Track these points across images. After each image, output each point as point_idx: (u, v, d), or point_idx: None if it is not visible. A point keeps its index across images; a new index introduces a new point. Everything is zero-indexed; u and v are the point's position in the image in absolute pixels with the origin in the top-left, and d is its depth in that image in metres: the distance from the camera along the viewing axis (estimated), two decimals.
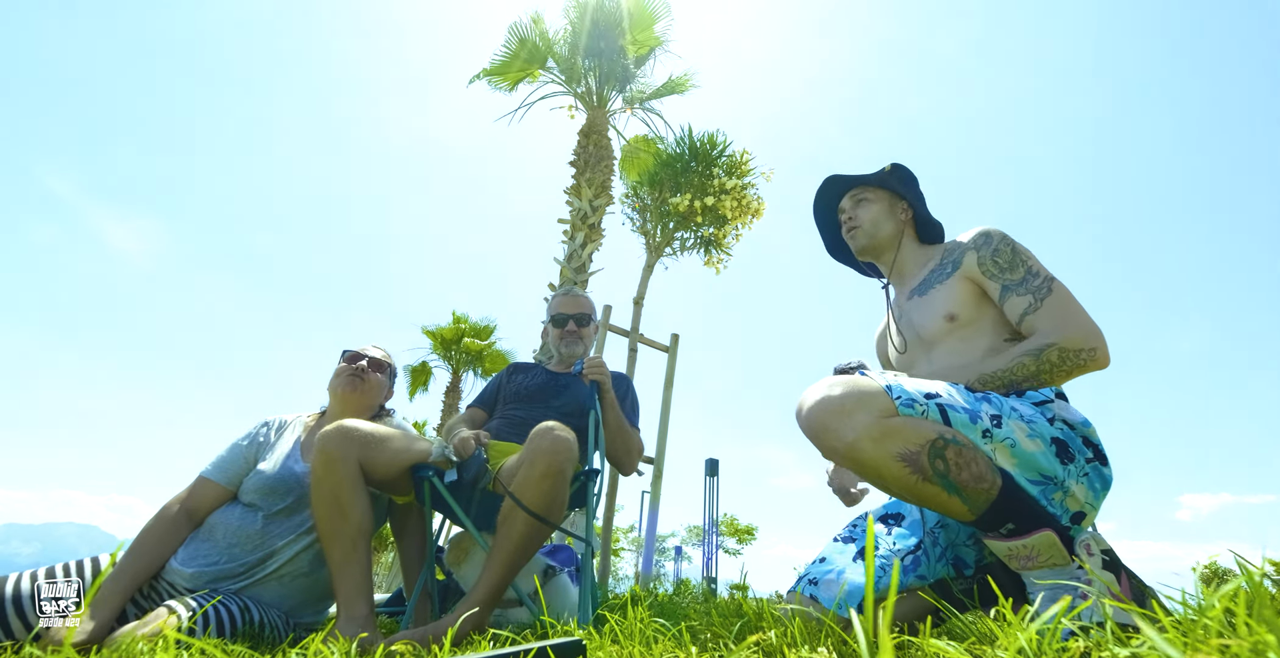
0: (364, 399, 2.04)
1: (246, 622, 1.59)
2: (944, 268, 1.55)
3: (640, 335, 5.09)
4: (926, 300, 1.56)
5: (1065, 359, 1.30)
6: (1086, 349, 1.30)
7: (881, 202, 1.74)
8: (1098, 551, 1.12)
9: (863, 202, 1.76)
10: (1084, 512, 1.21)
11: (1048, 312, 1.35)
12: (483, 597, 1.53)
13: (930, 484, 1.10)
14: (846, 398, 1.14)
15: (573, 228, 6.48)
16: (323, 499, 1.61)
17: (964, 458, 1.11)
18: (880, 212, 1.73)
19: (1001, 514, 1.12)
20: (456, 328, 14.87)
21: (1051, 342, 1.31)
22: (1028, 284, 1.40)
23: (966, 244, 1.52)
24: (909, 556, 1.39)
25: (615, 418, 2.20)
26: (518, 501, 1.59)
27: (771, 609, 1.39)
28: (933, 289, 1.55)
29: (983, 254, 1.47)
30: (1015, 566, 1.13)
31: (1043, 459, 1.19)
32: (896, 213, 1.73)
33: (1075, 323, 1.32)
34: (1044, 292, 1.37)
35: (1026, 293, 1.39)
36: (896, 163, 1.72)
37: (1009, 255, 1.44)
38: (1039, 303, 1.37)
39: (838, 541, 1.50)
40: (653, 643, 1.17)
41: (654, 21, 7.18)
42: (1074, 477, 1.21)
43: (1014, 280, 1.42)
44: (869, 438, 1.10)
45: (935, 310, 1.52)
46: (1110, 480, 1.27)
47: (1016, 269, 1.42)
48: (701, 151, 6.14)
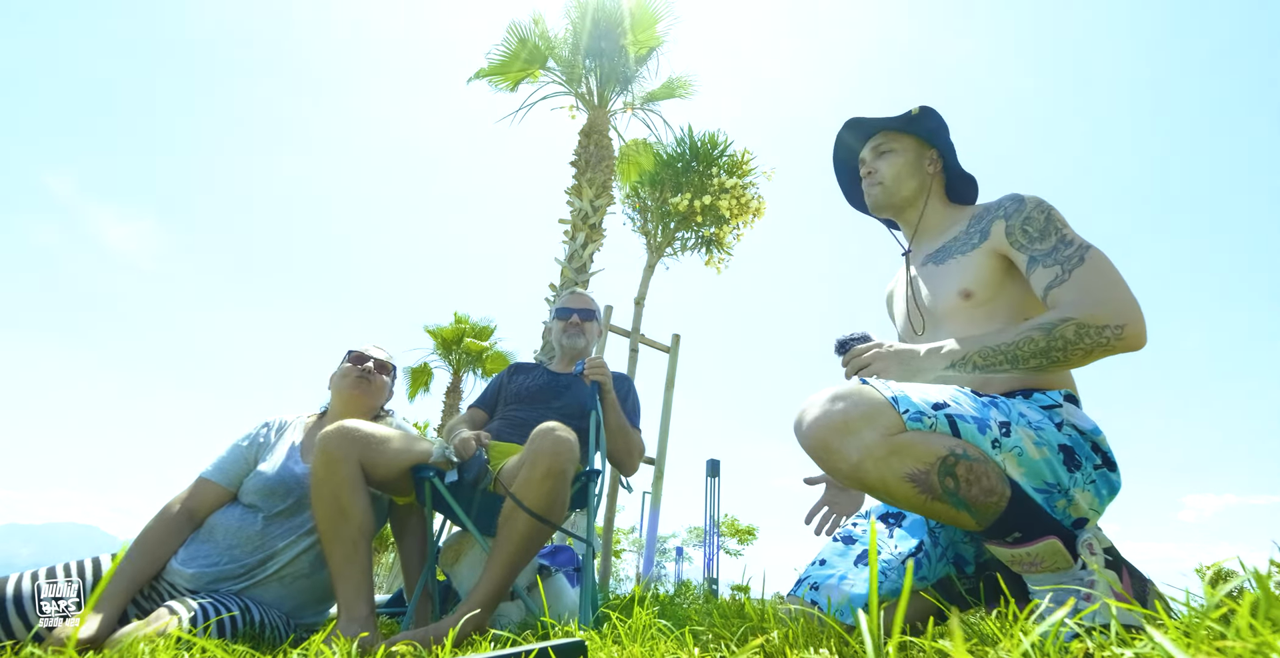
0: (369, 401, 2.05)
1: (247, 623, 1.58)
2: (970, 236, 1.40)
3: (641, 336, 5.09)
4: (943, 270, 1.42)
5: (1084, 336, 1.11)
6: (1112, 326, 1.10)
7: (908, 152, 1.56)
8: (1100, 549, 1.11)
9: (886, 153, 1.58)
10: (1086, 517, 1.18)
11: (1075, 283, 1.18)
12: (484, 598, 1.53)
13: (939, 502, 1.04)
14: (850, 414, 1.04)
15: (574, 228, 6.48)
16: (323, 500, 1.61)
17: (974, 474, 1.04)
18: (905, 165, 1.55)
19: (1008, 525, 1.08)
20: (457, 328, 14.87)
21: (1068, 316, 1.13)
22: (1057, 254, 1.23)
23: (996, 211, 1.36)
24: (910, 557, 1.36)
25: (616, 419, 2.20)
26: (519, 502, 1.59)
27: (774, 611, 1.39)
28: (952, 259, 1.41)
29: (1012, 222, 1.31)
30: (1018, 570, 1.12)
31: (1048, 467, 1.14)
32: (924, 165, 1.56)
33: (1105, 296, 1.13)
34: (1074, 262, 1.20)
35: (1054, 264, 1.22)
36: (926, 105, 1.52)
37: (1041, 223, 1.28)
38: (1067, 274, 1.19)
39: (837, 540, 1.46)
40: (655, 644, 1.16)
41: (655, 21, 7.18)
42: (1080, 484, 1.16)
43: (1043, 250, 1.25)
44: (874, 458, 1.01)
45: (949, 283, 1.39)
46: (1119, 487, 1.22)
47: (1048, 238, 1.26)
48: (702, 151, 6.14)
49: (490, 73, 7.30)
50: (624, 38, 7.07)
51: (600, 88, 7.27)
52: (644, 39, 7.23)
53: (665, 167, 6.24)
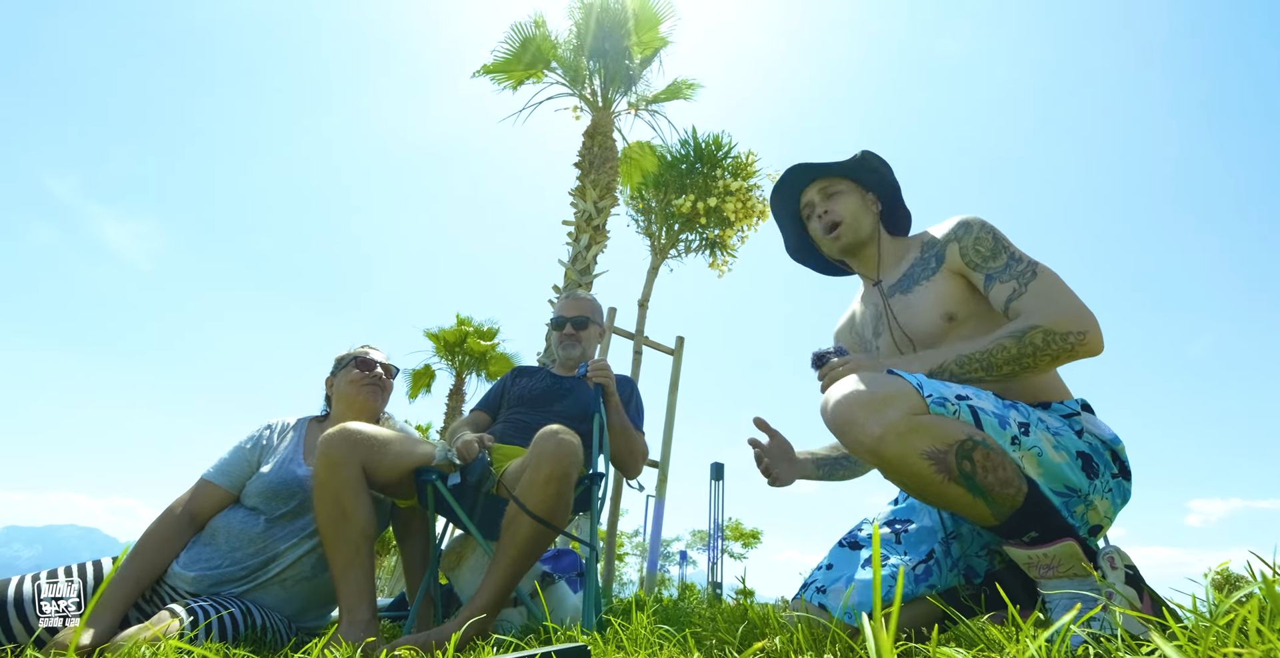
0: (376, 405, 2.05)
1: (249, 626, 1.58)
2: (926, 262, 1.48)
3: (645, 338, 5.09)
4: (915, 299, 1.49)
5: (1051, 342, 1.21)
6: (1075, 332, 1.21)
7: (854, 193, 1.63)
8: (1121, 565, 1.10)
9: (835, 195, 1.63)
10: (1101, 525, 1.21)
11: (1033, 295, 1.28)
12: (486, 602, 1.52)
13: (955, 485, 1.07)
14: (877, 392, 1.10)
15: (577, 230, 6.47)
16: (325, 503, 1.61)
17: (991, 462, 1.08)
18: (857, 204, 1.61)
19: (1025, 522, 1.10)
20: (460, 330, 14.85)
21: (1036, 323, 1.22)
22: (1011, 270, 1.33)
23: (947, 236, 1.45)
24: (920, 564, 1.36)
25: (620, 421, 2.19)
26: (522, 505, 1.58)
27: (777, 615, 1.38)
28: (918, 286, 1.48)
29: (964, 244, 1.41)
30: (1034, 574, 1.11)
31: (1069, 472, 1.17)
32: (869, 205, 1.63)
33: (1064, 305, 1.24)
34: (1029, 276, 1.31)
35: (1010, 279, 1.32)
36: (867, 150, 1.60)
37: (990, 243, 1.38)
38: (1024, 288, 1.30)
39: (843, 545, 1.46)
40: (658, 649, 1.16)
41: (659, 22, 7.17)
42: (1099, 492, 1.20)
43: (997, 268, 1.35)
44: (896, 433, 1.06)
45: (929, 309, 1.46)
46: (1130, 495, 1.26)
47: (999, 256, 1.36)
48: (706, 153, 6.14)
49: (493, 70, 7.28)
50: (628, 39, 7.07)
51: (604, 89, 7.27)
52: (648, 40, 7.24)
53: (669, 168, 6.24)
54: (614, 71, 7.18)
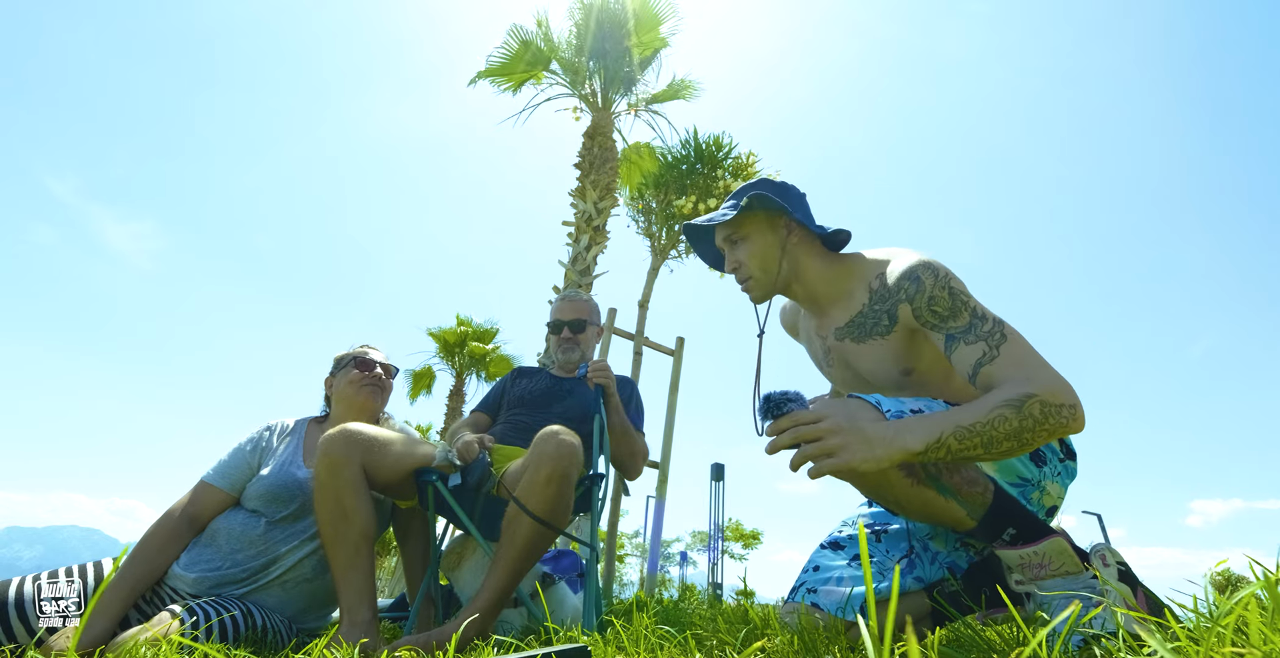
0: (377, 406, 2.05)
1: (249, 627, 1.58)
2: (878, 317, 1.37)
3: (645, 339, 5.09)
4: (869, 351, 1.41)
5: (1049, 415, 1.10)
6: (1068, 405, 1.11)
7: (759, 231, 1.48)
8: (1113, 562, 1.12)
9: (739, 241, 1.50)
10: (1056, 505, 1.28)
11: (1007, 360, 1.17)
12: (487, 603, 1.53)
13: (925, 488, 1.12)
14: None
15: (577, 230, 6.47)
16: (326, 504, 1.61)
17: (952, 463, 1.13)
18: (764, 246, 1.48)
19: (1001, 519, 1.14)
20: (460, 331, 14.85)
21: (1031, 392, 1.11)
22: (976, 330, 1.22)
23: (896, 294, 1.32)
24: (903, 559, 1.38)
25: (620, 422, 2.19)
26: (522, 505, 1.58)
27: (777, 615, 1.38)
28: (872, 339, 1.40)
29: (918, 304, 1.29)
30: (1028, 576, 1.12)
31: (1019, 463, 1.24)
32: (781, 234, 1.48)
33: (1048, 374, 1.14)
34: (998, 338, 1.20)
35: (977, 340, 1.21)
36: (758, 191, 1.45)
37: (947, 301, 1.26)
38: (995, 351, 1.19)
39: (824, 548, 1.46)
40: (658, 650, 1.16)
41: (659, 22, 7.17)
42: (1049, 477, 1.27)
43: (959, 328, 1.24)
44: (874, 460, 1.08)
45: (885, 364, 1.40)
46: (1076, 473, 1.33)
47: (960, 315, 1.24)
48: (707, 154, 6.14)
49: (492, 73, 7.29)
50: (628, 39, 7.07)
51: (604, 89, 7.27)
52: (648, 40, 7.23)
53: (670, 169, 6.24)
54: (614, 72, 7.18)
